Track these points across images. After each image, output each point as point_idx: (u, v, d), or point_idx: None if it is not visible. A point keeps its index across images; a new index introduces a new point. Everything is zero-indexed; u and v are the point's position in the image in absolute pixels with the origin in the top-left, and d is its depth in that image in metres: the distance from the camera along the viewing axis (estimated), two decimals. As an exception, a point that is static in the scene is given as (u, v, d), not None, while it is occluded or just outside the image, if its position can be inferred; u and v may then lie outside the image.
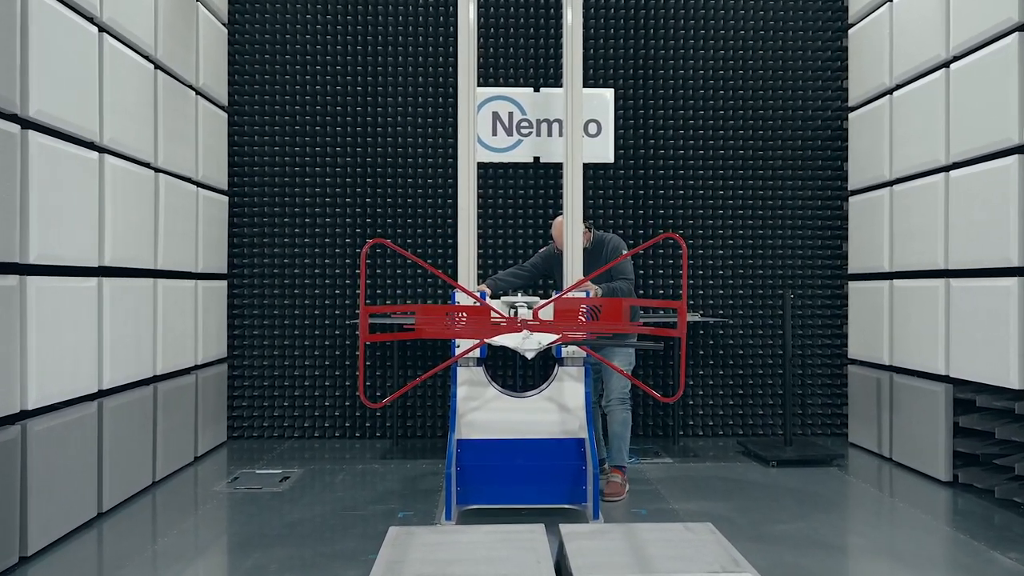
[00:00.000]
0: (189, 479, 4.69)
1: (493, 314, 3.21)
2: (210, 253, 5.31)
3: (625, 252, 4.42)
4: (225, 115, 5.67)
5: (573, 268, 4.07)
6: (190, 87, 5.02)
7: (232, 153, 5.76)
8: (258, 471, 4.82)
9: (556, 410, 3.95)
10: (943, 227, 4.47)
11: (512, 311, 3.70)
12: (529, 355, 2.29)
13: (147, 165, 4.40)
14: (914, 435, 4.75)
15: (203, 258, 5.17)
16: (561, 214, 4.56)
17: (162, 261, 4.55)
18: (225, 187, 5.66)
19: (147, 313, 4.37)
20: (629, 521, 3.84)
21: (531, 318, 3.40)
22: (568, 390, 3.98)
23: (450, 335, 3.48)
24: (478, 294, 3.69)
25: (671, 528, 2.90)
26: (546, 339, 2.30)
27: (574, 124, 4.15)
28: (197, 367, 5.12)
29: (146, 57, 4.39)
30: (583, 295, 3.91)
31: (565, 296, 3.64)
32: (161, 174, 4.55)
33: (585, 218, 4.23)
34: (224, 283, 5.65)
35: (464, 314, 3.18)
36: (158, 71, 4.52)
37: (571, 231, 4.11)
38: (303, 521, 3.81)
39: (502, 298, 3.97)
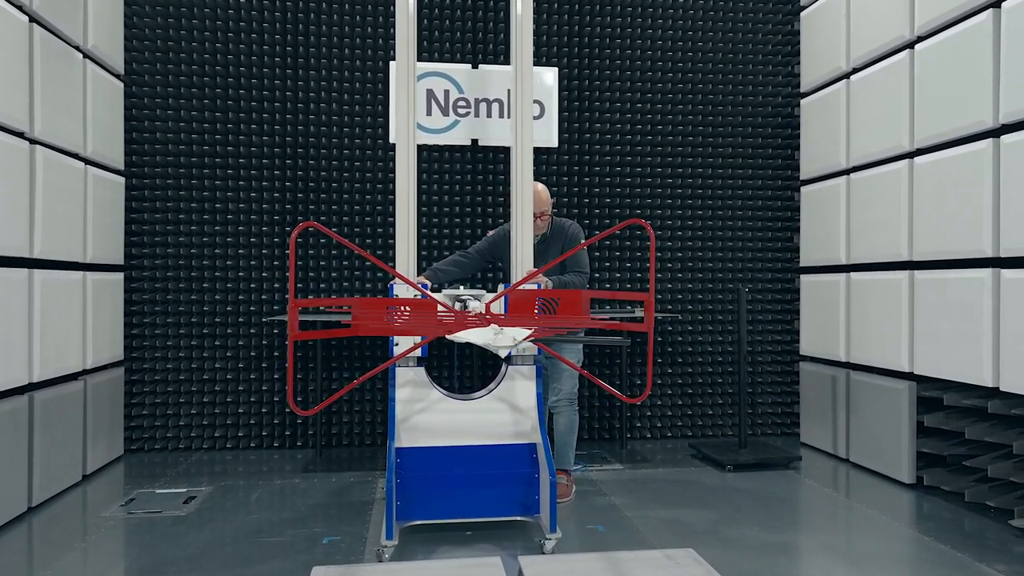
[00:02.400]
0: (74, 503, 4.03)
1: (441, 308, 2.75)
2: (102, 241, 4.63)
3: (583, 242, 4.04)
4: (121, 85, 4.98)
5: (523, 258, 3.65)
6: (77, 48, 4.34)
7: (130, 129, 5.07)
8: (158, 490, 4.20)
9: (507, 411, 3.54)
10: (907, 216, 4.25)
11: (460, 305, 3.24)
12: (502, 353, 1.86)
13: (20, 135, 3.73)
14: (874, 435, 4.53)
15: (93, 246, 4.49)
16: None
17: (39, 249, 3.88)
18: (121, 166, 4.97)
19: (19, 309, 3.70)
20: (585, 538, 3.45)
21: (482, 312, 2.96)
22: (519, 390, 3.57)
23: (397, 332, 3.00)
24: (420, 286, 3.22)
25: (649, 557, 2.51)
26: (520, 334, 1.88)
27: (523, 101, 3.71)
28: (86, 372, 4.45)
29: (18, 7, 3.72)
30: (534, 287, 3.49)
31: (519, 288, 3.20)
32: (38, 147, 3.88)
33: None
34: (120, 276, 4.97)
35: (407, 308, 2.71)
36: (34, 25, 3.84)
37: (520, 219, 3.69)
38: (209, 551, 3.25)
39: (444, 291, 3.51)
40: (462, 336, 1.92)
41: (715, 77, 5.62)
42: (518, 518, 3.46)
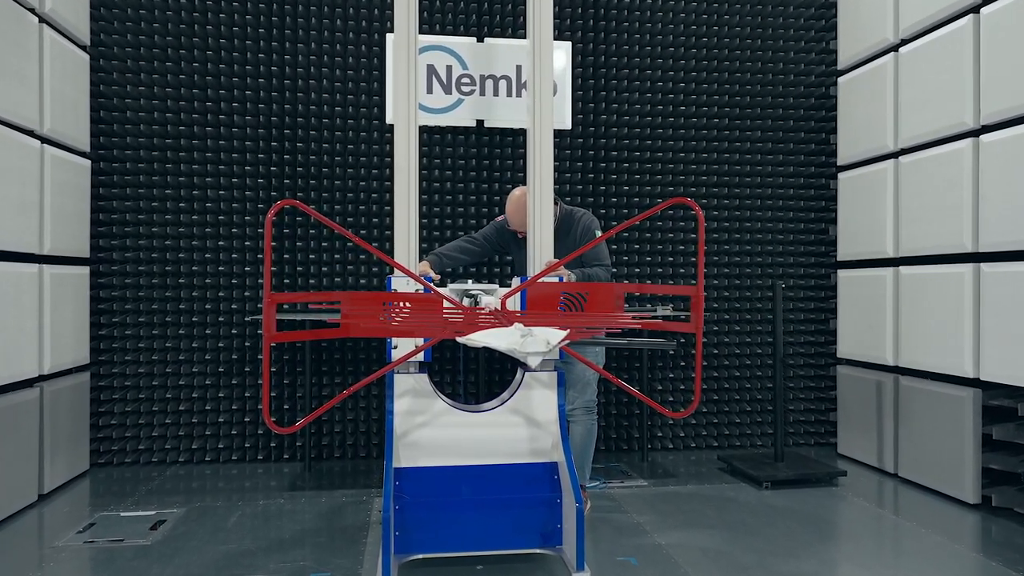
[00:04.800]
0: (24, 530, 3.52)
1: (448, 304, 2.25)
2: (63, 231, 4.12)
3: (599, 233, 3.56)
4: (87, 57, 4.46)
5: (542, 249, 3.16)
6: (31, 11, 3.83)
7: (97, 107, 4.56)
8: (123, 513, 3.69)
9: (523, 425, 3.05)
10: (971, 202, 3.76)
11: (469, 301, 2.74)
12: (532, 361, 1.38)
13: (-41, 104, 3.22)
14: (929, 448, 4.05)
15: (52, 237, 3.98)
16: (520, 186, 3.69)
17: (-17, 236, 3.38)
18: (87, 148, 4.46)
19: (-42, 306, 3.19)
20: (615, 571, 2.95)
21: (497, 308, 2.47)
22: (538, 400, 3.07)
23: (395, 332, 2.51)
24: (422, 276, 2.72)
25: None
26: (555, 337, 1.41)
27: (541, 76, 3.23)
28: (43, 378, 3.93)
29: (-43, -44, 3.22)
30: (556, 281, 3.00)
31: (539, 281, 2.71)
32: (-18, 119, 3.38)
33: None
34: (86, 270, 4.45)
35: (407, 304, 2.22)
36: (-23, -22, 3.34)
37: (539, 206, 3.20)
38: (174, 594, 2.75)
39: (450, 285, 3.01)
40: (479, 339, 1.45)
41: (742, 54, 5.13)
42: (537, 551, 2.96)
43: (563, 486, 2.94)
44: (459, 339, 1.51)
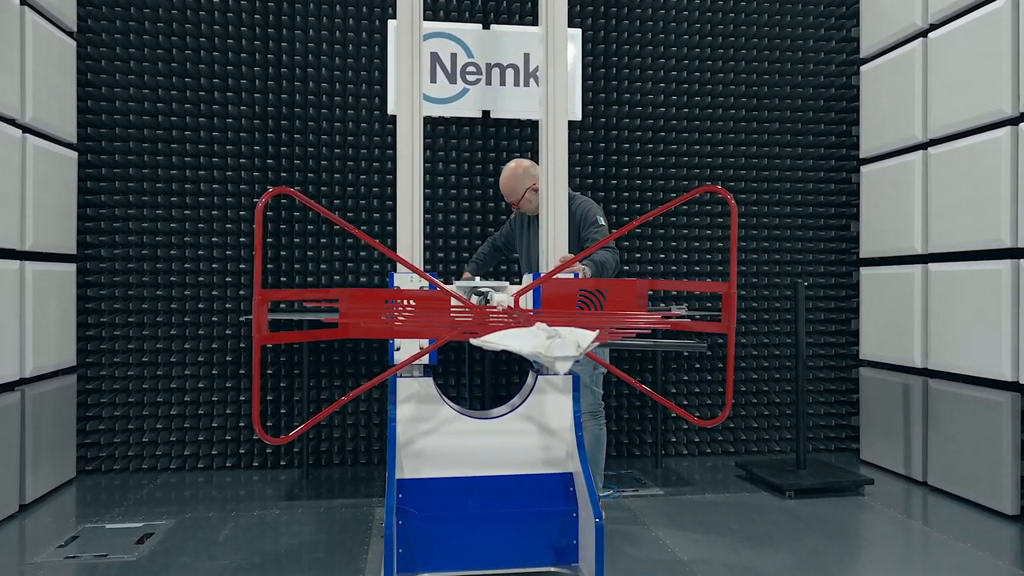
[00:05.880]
0: (2, 544, 3.30)
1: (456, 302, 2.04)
2: (48, 226, 3.90)
3: (601, 219, 3.37)
4: (73, 44, 4.25)
5: (556, 239, 2.94)
6: (13, -7, 3.62)
7: (84, 96, 4.34)
8: (109, 525, 3.47)
9: (536, 432, 2.83)
10: (1009, 195, 3.54)
11: (479, 299, 2.52)
12: (561, 367, 1.16)
13: (-69, 88, 3.01)
14: (962, 455, 3.83)
15: (35, 232, 3.76)
16: (512, 160, 3.56)
17: (-43, 230, 3.16)
18: (73, 139, 4.24)
19: (-71, 305, 2.97)
20: (636, 593, 2.74)
21: (510, 306, 2.25)
22: (552, 406, 2.85)
23: (399, 333, 2.30)
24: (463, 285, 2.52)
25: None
26: (585, 339, 1.19)
27: (555, 62, 3.02)
28: (25, 381, 3.72)
29: (-72, -71, 3.00)
30: (571, 277, 2.78)
31: (555, 276, 2.49)
32: (-43, 105, 3.16)
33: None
34: (72, 267, 4.24)
35: (411, 302, 2.00)
36: (-49, -46, 3.12)
37: (552, 200, 2.99)
38: (158, 617, 2.53)
39: (457, 283, 2.79)
40: (496, 341, 1.24)
41: (760, 43, 4.91)
42: (551, 569, 2.74)
43: (579, 498, 2.73)
44: (473, 341, 1.31)
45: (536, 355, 1.19)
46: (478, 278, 2.98)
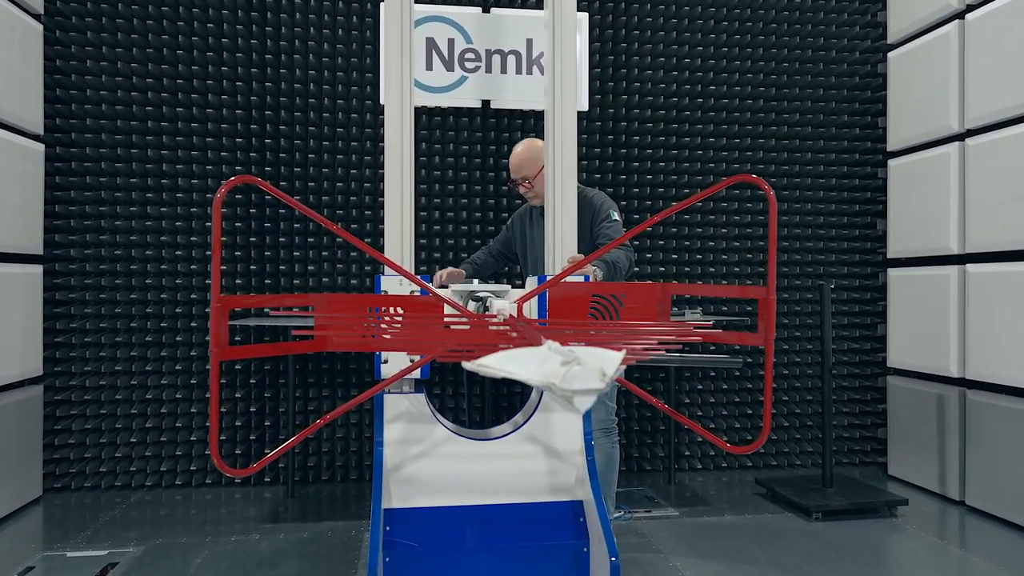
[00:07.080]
0: (-50, 574, 2.98)
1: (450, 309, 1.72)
2: (9, 223, 3.59)
3: (616, 215, 3.06)
4: (40, 27, 3.93)
5: (563, 238, 2.62)
6: (-34, -32, 3.30)
7: (52, 84, 4.03)
8: (70, 553, 3.15)
9: (541, 455, 2.51)
10: (1062, 188, 3.22)
11: (477, 307, 2.20)
12: (582, 404, 0.85)
13: None
14: (1006, 474, 3.50)
15: (-7, 230, 3.45)
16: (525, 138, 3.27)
17: None
18: (40, 130, 3.92)
19: None
20: (655, 637, 2.42)
21: (512, 315, 1.93)
22: (559, 425, 2.53)
23: (384, 347, 1.98)
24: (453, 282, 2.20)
25: None
26: (610, 364, 0.88)
27: (563, 46, 2.70)
28: (-19, 393, 3.40)
29: None
30: (581, 280, 2.47)
31: (563, 279, 2.17)
32: None
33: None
34: (38, 268, 3.92)
35: (398, 310, 1.69)
36: None
37: (559, 197, 2.67)
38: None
39: (452, 286, 2.47)
40: (496, 367, 0.93)
41: (778, 28, 4.59)
42: (560, 610, 2.43)
43: (591, 531, 2.41)
44: (467, 365, 1.01)
45: (548, 386, 0.91)
46: (476, 280, 2.66)
